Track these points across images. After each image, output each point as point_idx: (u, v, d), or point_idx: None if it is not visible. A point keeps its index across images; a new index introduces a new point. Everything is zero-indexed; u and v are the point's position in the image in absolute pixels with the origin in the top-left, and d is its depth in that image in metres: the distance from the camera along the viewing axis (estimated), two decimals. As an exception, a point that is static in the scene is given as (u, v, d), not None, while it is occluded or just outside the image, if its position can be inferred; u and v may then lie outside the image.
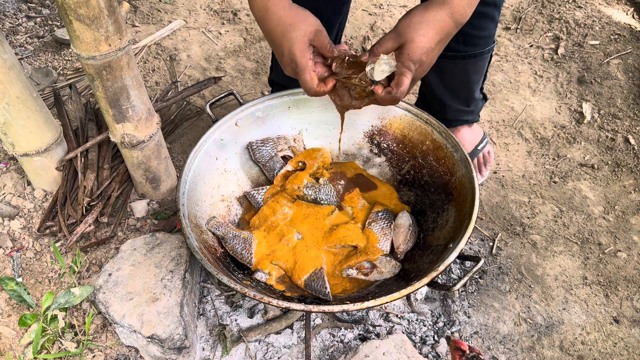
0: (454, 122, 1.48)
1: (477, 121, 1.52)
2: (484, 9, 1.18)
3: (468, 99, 1.43)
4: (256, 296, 0.90)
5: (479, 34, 1.25)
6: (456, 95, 1.41)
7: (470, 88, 1.40)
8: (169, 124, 1.64)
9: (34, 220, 1.37)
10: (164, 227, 1.36)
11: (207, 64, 1.92)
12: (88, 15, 0.97)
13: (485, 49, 1.29)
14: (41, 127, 1.28)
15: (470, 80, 1.37)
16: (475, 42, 1.27)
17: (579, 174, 1.59)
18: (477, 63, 1.32)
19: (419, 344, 1.19)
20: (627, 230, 1.45)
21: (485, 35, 1.27)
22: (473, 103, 1.45)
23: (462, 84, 1.38)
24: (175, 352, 1.08)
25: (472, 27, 1.18)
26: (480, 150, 1.53)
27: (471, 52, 1.28)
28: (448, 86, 1.38)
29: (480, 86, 1.43)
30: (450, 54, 1.27)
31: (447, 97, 1.40)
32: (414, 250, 1.16)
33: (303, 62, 0.94)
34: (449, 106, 1.43)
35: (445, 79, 1.37)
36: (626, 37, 2.03)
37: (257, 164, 1.30)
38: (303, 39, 0.94)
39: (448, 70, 1.33)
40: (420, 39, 0.90)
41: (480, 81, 1.41)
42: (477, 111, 1.49)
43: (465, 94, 1.41)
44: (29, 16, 2.09)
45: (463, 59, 1.29)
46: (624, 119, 1.74)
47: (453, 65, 1.31)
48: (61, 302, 1.15)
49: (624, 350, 1.22)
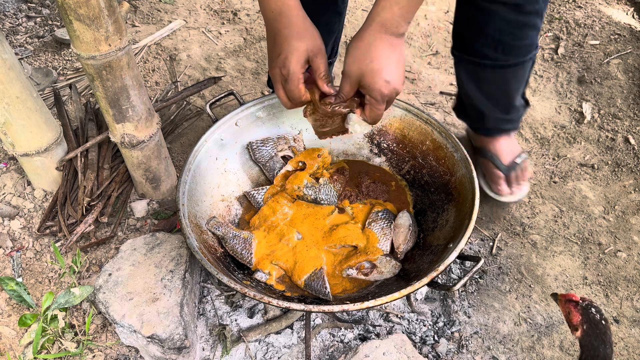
0: (494, 130, 1.40)
1: (516, 129, 1.44)
2: (526, 18, 1.13)
3: (508, 107, 1.35)
4: (256, 296, 0.90)
5: (519, 43, 1.18)
6: (496, 104, 1.33)
7: (511, 96, 1.32)
8: (169, 124, 1.64)
9: (34, 220, 1.37)
10: (164, 227, 1.36)
11: (207, 64, 1.92)
12: (88, 15, 0.97)
13: (526, 57, 1.22)
14: (41, 127, 1.28)
15: (511, 89, 1.30)
16: (516, 52, 1.20)
17: (579, 174, 1.59)
18: (518, 71, 1.25)
19: (419, 344, 1.19)
20: (627, 230, 1.45)
21: (527, 44, 1.19)
22: (514, 110, 1.37)
23: (502, 93, 1.31)
24: (175, 352, 1.08)
25: (513, 37, 1.15)
26: (518, 164, 1.41)
27: (512, 62, 1.21)
28: (487, 95, 1.31)
29: (521, 93, 1.35)
30: (489, 63, 1.21)
31: (487, 107, 1.33)
32: (414, 250, 1.16)
33: (296, 72, 0.96)
34: (488, 115, 1.35)
35: (484, 88, 1.30)
36: (626, 37, 2.03)
37: (257, 164, 1.30)
38: (304, 52, 0.95)
39: (487, 79, 1.27)
40: (371, 66, 0.90)
41: (521, 88, 1.33)
42: (518, 119, 1.41)
43: (505, 102, 1.34)
44: (29, 16, 2.09)
45: (502, 68, 1.22)
46: (624, 119, 1.74)
47: (492, 74, 1.24)
48: (61, 302, 1.15)
49: (624, 350, 1.22)
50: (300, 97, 0.99)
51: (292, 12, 0.95)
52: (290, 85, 0.97)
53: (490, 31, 1.15)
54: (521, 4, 1.10)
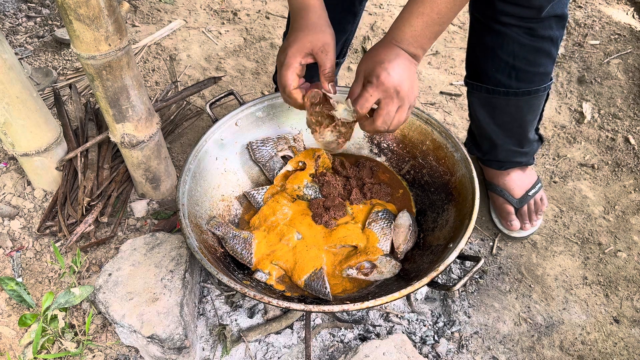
0: (506, 163, 1.37)
1: (531, 164, 1.40)
2: (539, 43, 1.12)
3: (521, 139, 1.32)
4: (256, 296, 0.90)
5: (533, 70, 1.16)
6: (508, 134, 1.31)
7: (524, 127, 1.29)
8: (169, 124, 1.64)
9: (34, 220, 1.37)
10: (164, 227, 1.36)
11: (207, 64, 1.92)
12: (88, 15, 0.97)
13: (540, 86, 1.19)
14: (41, 127, 1.28)
15: (524, 119, 1.27)
16: (530, 79, 1.18)
17: (579, 174, 1.59)
18: (532, 101, 1.22)
19: (419, 344, 1.19)
20: (627, 230, 1.45)
21: (540, 72, 1.18)
22: (527, 144, 1.34)
23: (514, 123, 1.28)
24: (175, 352, 1.08)
25: (526, 62, 1.14)
26: (531, 196, 1.38)
27: (524, 89, 1.19)
28: (499, 124, 1.29)
29: (535, 126, 1.32)
30: (502, 90, 1.20)
31: (499, 136, 1.31)
32: (414, 250, 1.16)
33: (290, 59, 0.97)
34: (500, 146, 1.33)
35: (496, 116, 1.27)
36: (626, 37, 2.03)
37: (257, 163, 1.30)
38: (306, 44, 0.97)
39: (499, 107, 1.25)
40: (379, 61, 0.90)
41: (535, 121, 1.30)
42: (532, 153, 1.38)
43: (518, 133, 1.31)
44: (29, 16, 2.09)
45: (516, 96, 1.20)
46: (624, 118, 1.74)
47: (505, 101, 1.22)
48: (61, 302, 1.15)
49: (624, 350, 1.22)
50: (287, 86, 0.99)
51: (311, 9, 0.98)
52: (282, 70, 0.98)
53: (504, 55, 1.14)
54: (534, 28, 1.10)
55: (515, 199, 1.38)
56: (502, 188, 1.40)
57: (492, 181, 1.43)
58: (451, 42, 2.06)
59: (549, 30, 1.11)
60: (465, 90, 1.35)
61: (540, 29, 1.10)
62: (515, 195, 1.38)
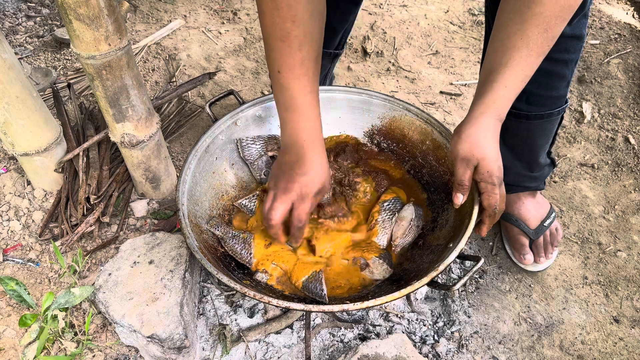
0: (515, 187, 1.33)
1: (541, 189, 1.36)
2: (552, 67, 1.07)
3: (532, 163, 1.28)
4: (256, 296, 0.90)
5: (545, 94, 1.13)
6: (518, 157, 1.27)
7: (535, 151, 1.26)
8: (168, 124, 1.64)
9: (34, 220, 1.37)
10: (164, 226, 1.36)
11: (207, 64, 1.92)
12: (88, 15, 0.97)
13: (553, 109, 1.15)
14: (41, 126, 1.28)
15: (535, 143, 1.24)
16: (542, 102, 1.14)
17: (579, 174, 1.59)
18: (544, 125, 1.18)
19: (418, 343, 1.19)
20: (627, 230, 1.45)
21: (553, 96, 1.14)
22: (537, 168, 1.29)
23: (525, 146, 1.25)
24: (175, 352, 1.08)
25: (538, 85, 1.07)
26: (547, 227, 1.33)
27: (536, 113, 1.15)
28: (509, 146, 1.24)
29: (547, 150, 1.28)
30: (513, 112, 1.15)
31: (508, 158, 1.22)
32: (414, 250, 1.16)
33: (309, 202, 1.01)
34: (509, 168, 1.26)
35: (507, 137, 1.19)
36: (626, 36, 2.03)
37: (244, 161, 1.28)
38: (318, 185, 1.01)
39: (510, 129, 1.18)
40: (489, 152, 0.91)
41: (547, 145, 1.26)
42: (543, 178, 1.33)
43: (529, 157, 1.27)
44: (29, 16, 2.09)
45: (527, 119, 1.17)
46: (624, 118, 1.74)
47: (516, 124, 1.18)
48: (61, 302, 1.15)
49: (624, 350, 1.22)
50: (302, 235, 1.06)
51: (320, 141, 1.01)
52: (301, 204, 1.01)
53: None
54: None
55: (532, 229, 1.33)
56: (517, 217, 1.35)
57: (505, 209, 1.37)
58: (451, 42, 2.06)
59: (565, 54, 1.06)
60: (465, 90, 1.35)
61: (554, 52, 1.01)
62: (532, 226, 1.33)
